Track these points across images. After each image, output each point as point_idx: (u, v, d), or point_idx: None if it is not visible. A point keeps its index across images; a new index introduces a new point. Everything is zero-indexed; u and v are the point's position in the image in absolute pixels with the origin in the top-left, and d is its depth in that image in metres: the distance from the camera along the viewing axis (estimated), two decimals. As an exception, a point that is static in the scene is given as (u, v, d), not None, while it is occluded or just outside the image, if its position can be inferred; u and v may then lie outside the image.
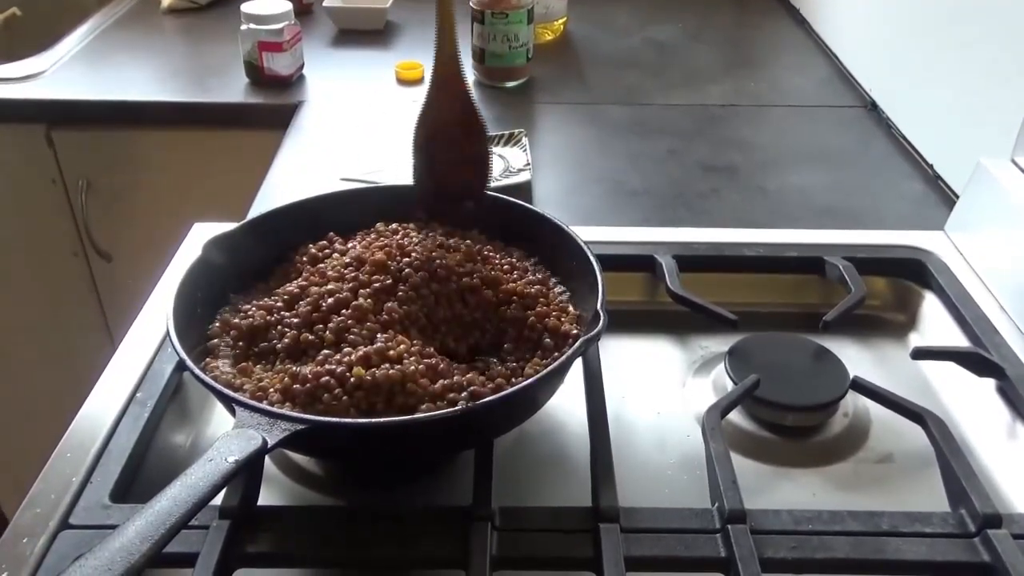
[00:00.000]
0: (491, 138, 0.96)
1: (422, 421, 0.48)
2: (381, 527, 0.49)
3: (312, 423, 0.46)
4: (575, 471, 0.56)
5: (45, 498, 0.51)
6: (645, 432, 0.61)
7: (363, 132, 1.02)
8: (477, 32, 1.11)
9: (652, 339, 0.71)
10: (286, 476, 0.57)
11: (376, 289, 0.56)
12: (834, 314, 0.64)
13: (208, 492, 0.41)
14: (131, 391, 0.59)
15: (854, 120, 1.07)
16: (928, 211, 0.86)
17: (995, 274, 0.71)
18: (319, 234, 0.65)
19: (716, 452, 0.53)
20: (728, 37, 1.36)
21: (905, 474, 0.58)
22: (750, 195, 0.90)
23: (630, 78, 1.18)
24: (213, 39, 1.26)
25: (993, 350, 0.62)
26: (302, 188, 0.89)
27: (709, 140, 1.02)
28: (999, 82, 0.80)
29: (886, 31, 1.07)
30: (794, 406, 0.59)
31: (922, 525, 0.49)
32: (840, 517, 0.49)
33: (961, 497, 0.51)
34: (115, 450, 0.54)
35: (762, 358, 0.62)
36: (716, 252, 0.74)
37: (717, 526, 0.49)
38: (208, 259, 0.60)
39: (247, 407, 0.47)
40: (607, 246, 0.68)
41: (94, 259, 1.20)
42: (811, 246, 0.74)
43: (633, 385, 0.65)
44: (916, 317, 0.72)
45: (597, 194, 0.91)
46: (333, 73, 1.18)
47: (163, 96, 1.11)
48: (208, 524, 0.47)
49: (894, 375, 0.66)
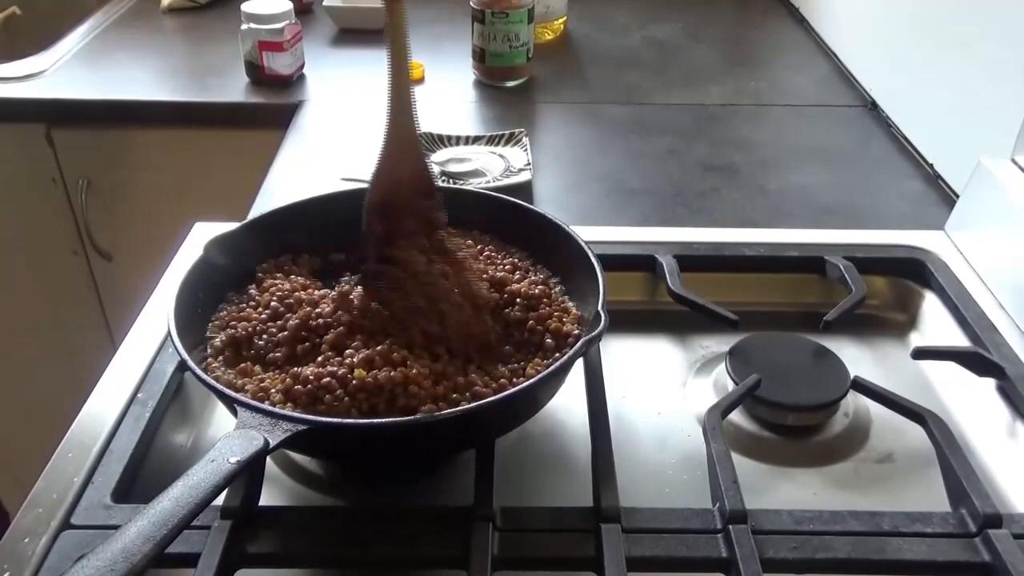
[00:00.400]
0: (492, 138, 0.96)
1: (424, 422, 0.48)
2: (382, 527, 0.49)
3: (314, 424, 0.46)
4: (576, 471, 0.57)
5: (47, 498, 0.51)
6: (646, 432, 0.61)
7: (363, 132, 1.02)
8: (477, 32, 1.11)
9: (653, 339, 0.71)
10: (287, 476, 0.57)
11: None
12: (835, 314, 0.64)
13: (210, 493, 0.41)
14: (132, 391, 0.59)
15: (854, 119, 1.07)
16: (928, 210, 0.86)
17: (995, 273, 0.71)
18: (319, 234, 0.65)
19: (717, 452, 0.53)
20: (728, 36, 1.36)
21: (906, 474, 0.58)
22: (750, 194, 0.90)
23: (630, 77, 1.18)
24: (213, 38, 1.26)
25: (993, 349, 0.62)
26: (303, 188, 0.89)
27: (709, 139, 1.02)
28: (999, 81, 0.80)
29: (886, 30, 1.07)
30: (795, 406, 0.59)
31: (923, 525, 0.49)
32: (841, 517, 0.49)
33: (962, 497, 0.51)
34: (116, 450, 0.54)
35: (763, 358, 0.62)
36: (717, 252, 0.74)
37: (718, 526, 0.49)
38: (209, 259, 0.60)
39: (249, 407, 0.47)
40: (608, 246, 0.68)
41: (94, 258, 1.20)
42: (811, 246, 0.74)
43: (634, 385, 0.65)
44: (916, 316, 0.72)
45: (597, 193, 0.91)
46: (333, 73, 1.18)
47: (163, 95, 1.11)
48: (210, 524, 0.47)
49: (894, 374, 0.66)
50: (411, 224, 0.54)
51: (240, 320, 0.57)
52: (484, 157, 0.93)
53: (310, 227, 0.65)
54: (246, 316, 0.57)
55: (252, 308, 0.58)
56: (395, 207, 0.54)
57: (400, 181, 0.54)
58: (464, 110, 1.09)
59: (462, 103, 1.11)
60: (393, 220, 0.53)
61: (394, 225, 0.53)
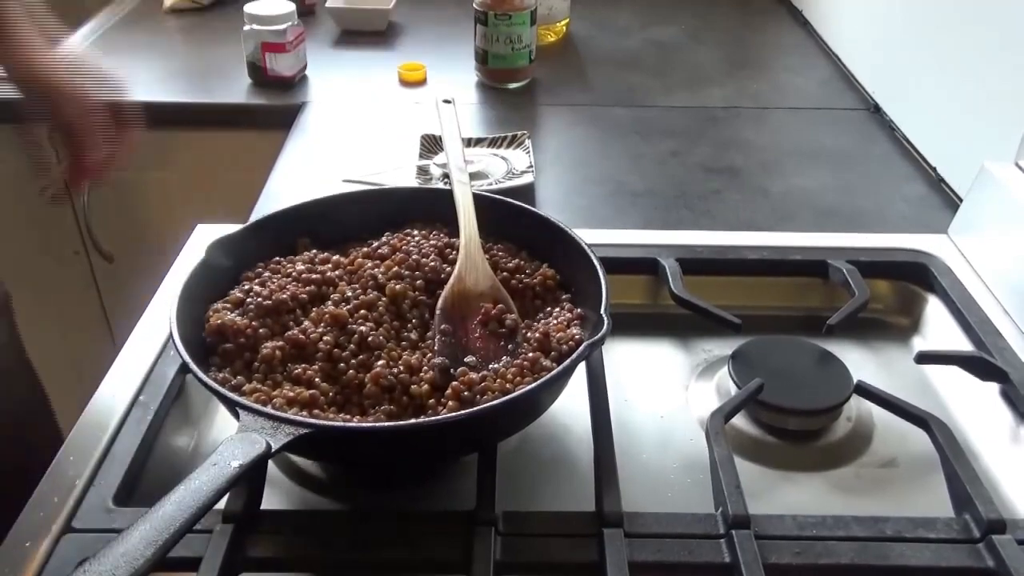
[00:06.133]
0: (494, 140, 0.96)
1: (426, 425, 0.48)
2: (384, 531, 0.49)
3: (316, 427, 0.46)
4: (578, 473, 0.57)
5: (48, 501, 0.51)
6: (648, 436, 0.61)
7: (365, 133, 1.02)
8: (480, 33, 1.11)
9: (655, 342, 0.71)
10: (289, 479, 0.57)
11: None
12: (838, 318, 0.64)
13: (212, 497, 0.41)
14: (134, 394, 0.59)
15: (856, 122, 1.06)
16: (931, 214, 0.86)
17: (999, 277, 0.70)
18: (320, 237, 0.65)
19: (720, 457, 0.53)
20: (730, 38, 1.36)
21: (909, 478, 0.58)
22: (752, 197, 0.90)
23: (632, 79, 1.18)
24: (216, 39, 1.26)
25: (997, 354, 0.62)
26: (305, 189, 0.89)
27: (711, 141, 1.02)
28: (1003, 84, 0.79)
29: (889, 33, 1.07)
30: (797, 410, 0.59)
31: (926, 531, 0.49)
32: (844, 522, 0.49)
33: (965, 502, 0.50)
34: (118, 453, 0.54)
35: (765, 362, 0.62)
36: (719, 255, 0.73)
37: (721, 531, 0.49)
38: (211, 261, 0.60)
39: (251, 411, 0.47)
40: (610, 248, 0.68)
41: (96, 258, 1.20)
42: (814, 249, 0.74)
43: (636, 388, 0.65)
44: (919, 320, 0.72)
45: (599, 195, 0.91)
46: (336, 74, 1.18)
47: (166, 97, 1.11)
48: (212, 528, 0.47)
49: (897, 378, 0.66)
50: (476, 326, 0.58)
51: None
52: (486, 159, 0.93)
53: (312, 229, 0.65)
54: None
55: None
56: (462, 312, 0.59)
57: (467, 293, 0.60)
58: (466, 112, 1.09)
59: (464, 105, 1.11)
60: (459, 321, 0.58)
61: (459, 325, 0.58)
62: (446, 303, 0.59)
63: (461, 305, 0.59)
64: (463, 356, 0.55)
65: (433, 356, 0.55)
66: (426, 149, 0.94)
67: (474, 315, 0.58)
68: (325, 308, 0.57)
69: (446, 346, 0.56)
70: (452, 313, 0.58)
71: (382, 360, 0.54)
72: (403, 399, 0.52)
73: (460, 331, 0.58)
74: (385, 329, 0.56)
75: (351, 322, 0.56)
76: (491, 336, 0.57)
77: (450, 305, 0.59)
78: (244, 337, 0.55)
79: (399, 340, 0.57)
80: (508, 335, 0.57)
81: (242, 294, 0.58)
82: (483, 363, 0.55)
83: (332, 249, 0.65)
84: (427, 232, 0.65)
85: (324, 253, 0.63)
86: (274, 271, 0.61)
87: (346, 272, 0.61)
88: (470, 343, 0.57)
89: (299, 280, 0.59)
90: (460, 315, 0.58)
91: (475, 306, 0.59)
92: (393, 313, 0.58)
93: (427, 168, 0.90)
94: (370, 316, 0.57)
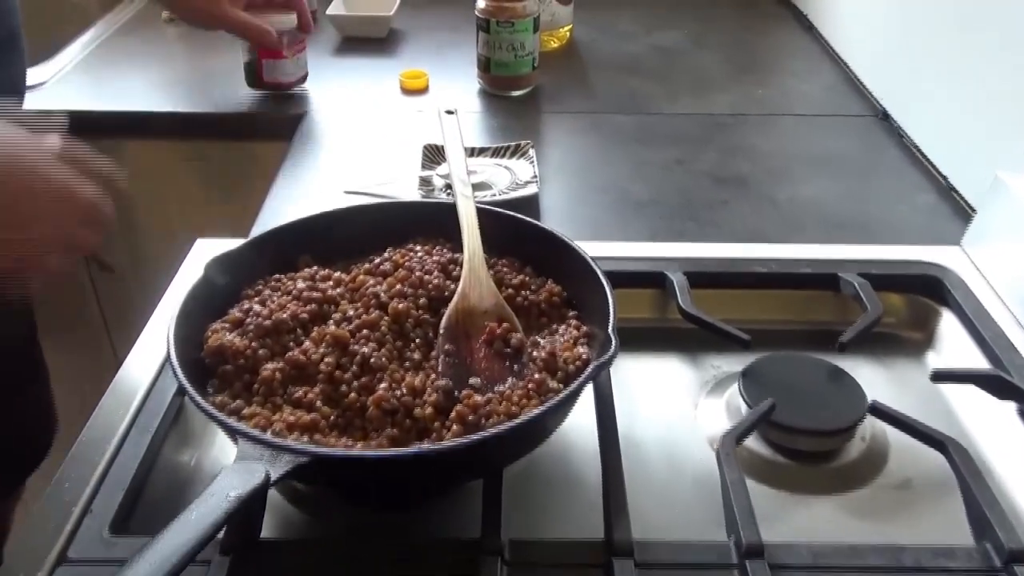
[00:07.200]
0: (497, 150, 0.95)
1: (429, 454, 0.46)
2: (387, 561, 0.48)
3: (317, 455, 0.45)
4: (586, 494, 0.55)
5: (43, 529, 0.50)
6: (657, 455, 0.59)
7: (367, 143, 1.01)
8: (483, 40, 1.10)
9: (663, 357, 0.69)
10: (289, 503, 0.56)
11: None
12: (851, 334, 0.63)
13: (209, 531, 0.40)
14: (132, 416, 0.58)
15: (865, 129, 1.05)
16: (942, 224, 0.84)
17: (1014, 291, 0.69)
18: (321, 251, 0.64)
19: (732, 480, 0.51)
20: (735, 43, 1.34)
21: (925, 500, 0.56)
22: (760, 206, 0.89)
23: (637, 86, 1.17)
24: (216, 48, 1.25)
25: (1014, 372, 0.61)
26: (306, 201, 0.88)
27: (717, 149, 1.00)
28: (1015, 92, 0.78)
29: (897, 38, 1.06)
30: (810, 430, 0.58)
31: (946, 560, 0.48)
32: (861, 552, 0.48)
33: (985, 529, 0.49)
34: (115, 479, 0.53)
35: (777, 380, 0.61)
36: (728, 268, 0.72)
37: (734, 560, 0.47)
38: (210, 279, 0.59)
39: (250, 438, 0.46)
40: (616, 262, 0.67)
41: (95, 269, 1.19)
42: (825, 262, 0.73)
43: (644, 405, 0.64)
44: (933, 335, 0.70)
45: (604, 205, 0.89)
46: (337, 82, 1.16)
47: (166, 106, 1.10)
48: (209, 559, 0.46)
49: (911, 395, 0.64)
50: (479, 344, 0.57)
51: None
52: (490, 169, 0.91)
53: (313, 244, 0.64)
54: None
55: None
56: (466, 330, 0.58)
57: (471, 310, 0.58)
58: (469, 120, 1.08)
59: (467, 113, 1.10)
60: (463, 340, 0.57)
61: (464, 344, 0.57)
62: (450, 321, 0.57)
63: (465, 323, 0.58)
64: (468, 376, 0.54)
65: (437, 377, 0.54)
66: (428, 160, 0.92)
67: (479, 333, 0.57)
68: (326, 328, 0.56)
69: (450, 367, 0.55)
70: (456, 331, 0.57)
71: (384, 382, 0.52)
72: (406, 422, 0.51)
73: (464, 350, 0.56)
74: (388, 349, 0.55)
75: (353, 342, 0.55)
76: (496, 355, 0.56)
77: (454, 323, 0.57)
78: (243, 358, 0.54)
79: (402, 360, 0.55)
80: (514, 354, 0.56)
81: (241, 313, 0.57)
82: (488, 385, 0.54)
83: (333, 264, 0.64)
84: (430, 247, 0.64)
85: (325, 270, 0.62)
86: (274, 289, 0.60)
87: (348, 290, 0.60)
88: (475, 363, 0.56)
89: (299, 299, 0.58)
90: (464, 333, 0.57)
91: (480, 324, 0.58)
92: (396, 333, 0.57)
93: (429, 179, 0.89)
94: (372, 336, 0.55)
